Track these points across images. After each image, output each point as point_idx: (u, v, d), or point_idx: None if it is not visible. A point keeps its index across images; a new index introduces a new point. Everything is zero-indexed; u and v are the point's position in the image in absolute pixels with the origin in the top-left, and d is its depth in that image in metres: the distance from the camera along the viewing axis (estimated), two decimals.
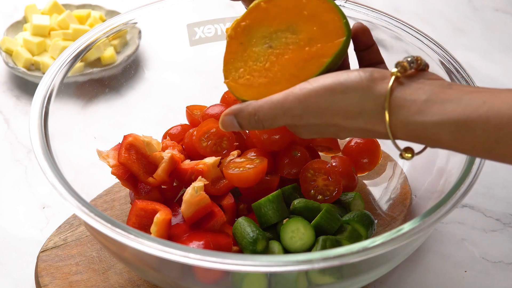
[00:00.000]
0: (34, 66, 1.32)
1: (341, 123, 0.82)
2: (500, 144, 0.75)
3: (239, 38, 0.92)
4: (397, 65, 0.81)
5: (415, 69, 0.82)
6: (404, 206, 1.06)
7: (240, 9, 0.98)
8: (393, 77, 0.80)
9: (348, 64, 0.93)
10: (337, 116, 0.81)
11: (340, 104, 0.81)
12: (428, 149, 0.84)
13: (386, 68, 0.90)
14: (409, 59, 0.81)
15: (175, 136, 1.09)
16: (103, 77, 1.23)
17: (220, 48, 0.97)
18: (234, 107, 0.87)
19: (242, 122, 0.87)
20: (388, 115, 0.79)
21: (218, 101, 1.11)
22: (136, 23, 1.12)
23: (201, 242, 0.92)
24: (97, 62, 1.30)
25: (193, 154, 1.05)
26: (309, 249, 0.94)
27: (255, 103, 0.86)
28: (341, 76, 0.81)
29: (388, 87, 0.79)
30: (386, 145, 1.13)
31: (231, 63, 0.92)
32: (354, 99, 0.80)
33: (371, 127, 0.81)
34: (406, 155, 0.82)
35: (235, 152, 1.03)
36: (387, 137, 0.81)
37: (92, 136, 1.09)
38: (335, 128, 0.83)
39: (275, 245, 0.95)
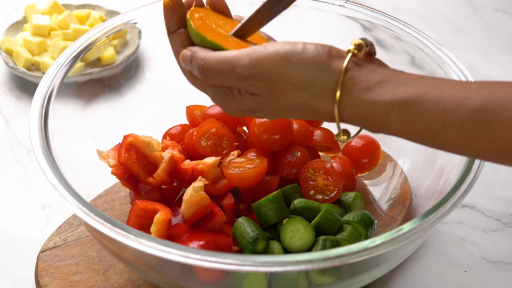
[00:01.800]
0: (34, 66, 1.32)
1: (287, 95, 0.80)
2: (446, 129, 0.75)
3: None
4: (353, 43, 0.81)
5: (367, 52, 0.81)
6: (404, 206, 1.06)
7: (241, 9, 0.98)
8: (349, 54, 0.80)
9: None
10: (286, 85, 0.80)
11: (292, 73, 0.79)
12: (428, 149, 0.84)
13: None
14: (365, 41, 0.81)
15: (175, 136, 1.09)
16: (103, 77, 1.23)
17: None
18: (196, 47, 0.85)
19: (192, 63, 0.85)
20: (339, 91, 0.78)
21: None
22: (136, 23, 1.12)
23: (201, 242, 0.92)
24: (97, 62, 1.30)
25: (193, 154, 1.05)
26: (309, 249, 0.94)
27: (210, 52, 0.84)
28: (299, 46, 0.80)
29: (345, 63, 0.79)
30: (386, 145, 1.13)
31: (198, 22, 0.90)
32: (308, 71, 0.79)
33: (318, 102, 0.80)
34: (343, 136, 0.81)
35: (235, 152, 1.03)
36: (329, 117, 0.80)
37: (92, 136, 1.09)
38: (275, 103, 0.81)
39: (275, 245, 0.95)
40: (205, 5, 0.92)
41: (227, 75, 0.82)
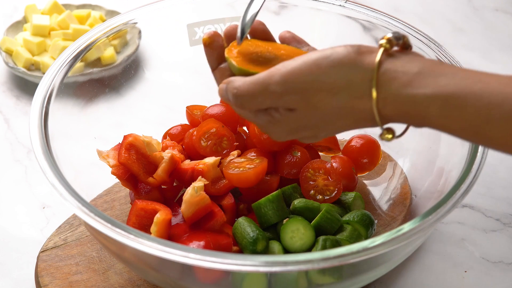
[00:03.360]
0: (34, 66, 1.32)
1: (325, 102, 0.78)
2: (489, 124, 0.72)
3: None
4: (383, 38, 0.78)
5: (401, 46, 0.79)
6: (404, 206, 1.06)
7: (241, 9, 0.98)
8: (381, 49, 0.77)
9: None
10: (321, 92, 0.77)
11: (325, 79, 0.77)
12: (428, 149, 0.84)
13: None
14: (396, 34, 0.78)
15: (175, 136, 1.09)
16: (103, 77, 1.23)
17: None
18: (231, 77, 0.84)
19: (228, 95, 0.83)
20: (375, 87, 0.75)
21: (218, 101, 1.11)
22: (136, 23, 1.12)
23: (201, 242, 0.92)
24: (97, 62, 1.30)
25: (193, 154, 1.05)
26: (309, 249, 0.94)
27: (243, 78, 0.82)
28: (327, 51, 0.78)
29: (377, 58, 0.76)
30: (386, 145, 1.13)
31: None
32: (340, 72, 0.77)
33: (357, 103, 0.77)
34: (387, 135, 0.79)
35: (235, 152, 1.03)
36: (372, 119, 0.77)
37: (92, 136, 1.09)
38: (315, 113, 0.79)
39: (275, 245, 0.95)
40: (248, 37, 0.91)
41: (261, 96, 0.80)
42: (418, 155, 1.09)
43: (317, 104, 0.79)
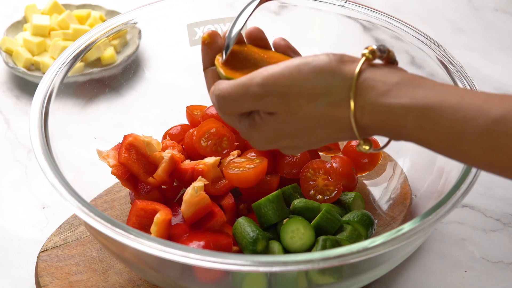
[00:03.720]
0: (34, 66, 1.32)
1: (304, 108, 0.78)
2: (464, 138, 0.72)
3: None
4: (367, 48, 0.78)
5: (385, 59, 0.79)
6: (404, 206, 1.06)
7: (241, 9, 0.98)
8: (363, 58, 0.77)
9: None
10: (301, 97, 0.77)
11: (305, 84, 0.77)
12: (429, 150, 0.83)
13: None
14: (381, 47, 0.78)
15: (175, 136, 1.09)
16: (103, 77, 1.23)
17: None
18: (220, 81, 0.85)
19: (212, 99, 0.84)
20: (353, 95, 0.75)
21: None
22: (136, 23, 1.12)
23: (201, 242, 0.92)
24: (97, 62, 1.30)
25: (193, 154, 1.05)
26: (309, 249, 0.94)
27: (226, 81, 0.83)
28: (309, 58, 0.78)
29: (358, 67, 0.76)
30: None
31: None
32: (320, 78, 0.77)
33: (336, 111, 0.77)
34: (364, 146, 0.79)
35: (235, 152, 1.04)
36: (350, 126, 0.77)
37: (92, 136, 1.09)
38: (295, 119, 0.79)
39: (275, 245, 0.95)
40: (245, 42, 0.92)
41: (242, 98, 0.81)
42: (418, 155, 1.09)
43: (297, 109, 0.79)
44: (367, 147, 0.79)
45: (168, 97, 1.18)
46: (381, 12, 1.10)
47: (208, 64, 0.89)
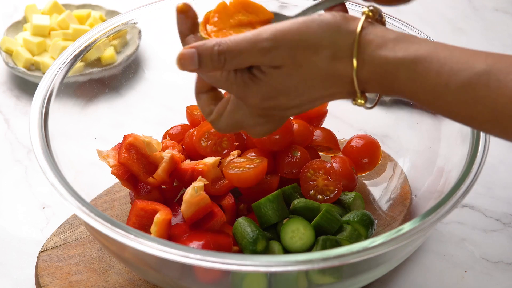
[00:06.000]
0: (34, 66, 1.32)
1: (310, 60, 0.81)
2: (448, 89, 0.76)
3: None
4: (367, 8, 0.83)
5: (380, 21, 0.84)
6: (404, 206, 1.06)
7: None
8: (364, 16, 0.82)
9: None
10: (307, 50, 0.80)
11: (313, 37, 0.80)
12: (428, 149, 0.84)
13: None
14: (378, 9, 0.83)
15: (175, 136, 1.09)
16: (103, 77, 1.23)
17: None
18: (201, 41, 0.83)
19: (202, 55, 0.82)
20: (357, 48, 0.79)
21: None
22: (136, 23, 1.12)
23: (201, 242, 0.92)
24: (97, 62, 1.30)
25: (193, 154, 1.05)
26: (309, 249, 0.94)
27: (227, 38, 0.82)
28: (315, 16, 0.82)
29: (360, 22, 0.81)
30: (386, 145, 1.13)
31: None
32: (327, 33, 0.80)
33: (337, 65, 0.80)
34: (360, 100, 0.82)
35: (235, 152, 1.04)
36: (350, 83, 0.81)
37: (92, 136, 1.09)
38: (298, 72, 0.81)
39: (275, 245, 0.95)
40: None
41: (248, 52, 0.81)
42: (418, 155, 1.09)
43: (302, 62, 0.81)
44: (362, 101, 0.82)
45: (168, 97, 1.18)
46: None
47: (186, 32, 0.88)
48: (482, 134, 0.94)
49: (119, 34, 1.32)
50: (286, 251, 0.95)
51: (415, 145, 1.10)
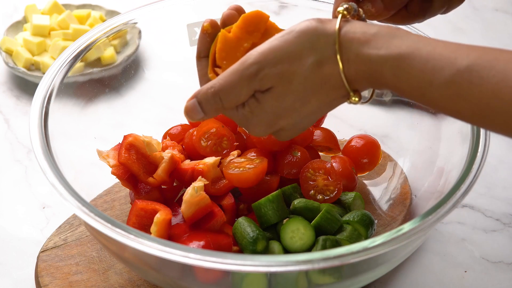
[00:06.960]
0: (34, 66, 1.32)
1: (297, 73, 0.81)
2: (432, 87, 0.76)
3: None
4: (341, 6, 0.83)
5: (356, 18, 0.84)
6: (404, 206, 1.06)
7: None
8: (340, 15, 0.82)
9: None
10: (292, 63, 0.81)
11: (293, 48, 0.80)
12: (428, 149, 0.84)
13: None
14: (352, 4, 0.83)
15: (175, 136, 1.09)
16: (103, 77, 1.23)
17: None
18: (202, 87, 0.85)
19: (202, 102, 0.84)
20: (339, 49, 0.79)
21: None
22: (136, 23, 1.12)
23: (201, 242, 0.92)
24: (97, 62, 1.30)
25: (193, 154, 1.05)
26: (309, 249, 0.94)
27: (215, 79, 0.84)
28: (291, 28, 0.82)
29: (337, 23, 0.81)
30: (386, 145, 1.13)
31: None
32: (305, 39, 0.80)
33: (325, 69, 0.80)
34: (354, 98, 0.82)
35: (235, 152, 1.04)
36: (340, 83, 0.81)
37: (92, 136, 1.09)
38: (290, 89, 0.81)
39: (275, 245, 0.95)
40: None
41: (238, 83, 0.82)
42: (418, 155, 1.09)
43: (290, 78, 0.81)
44: (356, 99, 0.82)
45: (168, 97, 1.18)
46: None
47: (204, 53, 0.90)
48: (482, 134, 0.94)
49: (119, 34, 1.32)
50: (286, 251, 0.95)
51: (415, 145, 1.10)
